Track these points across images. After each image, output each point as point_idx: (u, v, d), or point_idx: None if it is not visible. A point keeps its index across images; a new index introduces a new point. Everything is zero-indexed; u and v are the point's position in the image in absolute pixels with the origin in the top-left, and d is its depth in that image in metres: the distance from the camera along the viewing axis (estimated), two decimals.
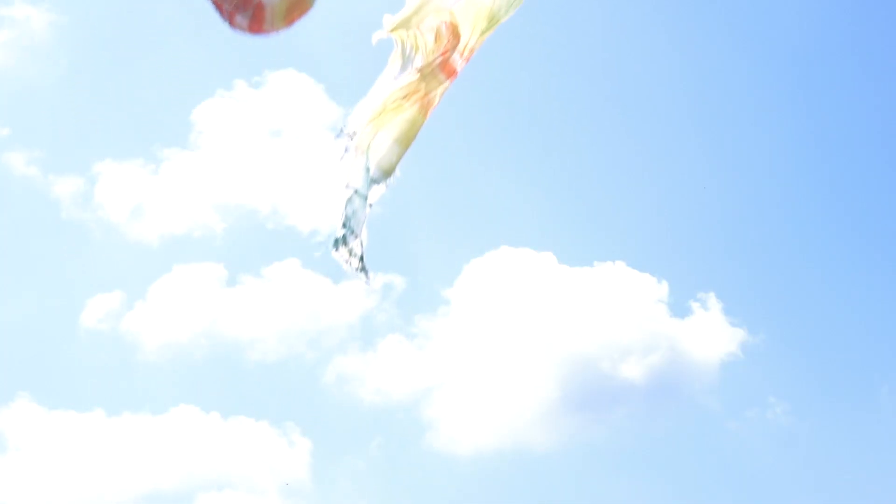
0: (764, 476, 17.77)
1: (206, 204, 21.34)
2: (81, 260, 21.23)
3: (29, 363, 19.68)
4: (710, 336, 19.01)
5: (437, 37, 5.25)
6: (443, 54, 5.36)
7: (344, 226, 5.28)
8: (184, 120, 22.03)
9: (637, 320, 18.96)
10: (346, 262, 5.31)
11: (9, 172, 20.94)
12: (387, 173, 5.37)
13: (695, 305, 19.33)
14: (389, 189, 5.39)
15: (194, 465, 17.94)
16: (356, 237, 5.30)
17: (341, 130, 5.30)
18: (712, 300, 19.34)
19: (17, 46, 20.78)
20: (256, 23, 4.79)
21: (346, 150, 5.32)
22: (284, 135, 21.85)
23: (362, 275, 5.29)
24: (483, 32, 5.27)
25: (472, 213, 22.23)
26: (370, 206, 5.28)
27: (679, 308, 22.07)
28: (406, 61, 5.28)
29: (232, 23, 4.84)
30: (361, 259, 5.31)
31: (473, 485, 17.82)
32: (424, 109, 5.43)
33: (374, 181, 5.33)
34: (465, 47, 5.32)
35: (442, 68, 5.42)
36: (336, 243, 5.33)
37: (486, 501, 17.99)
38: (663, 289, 19.09)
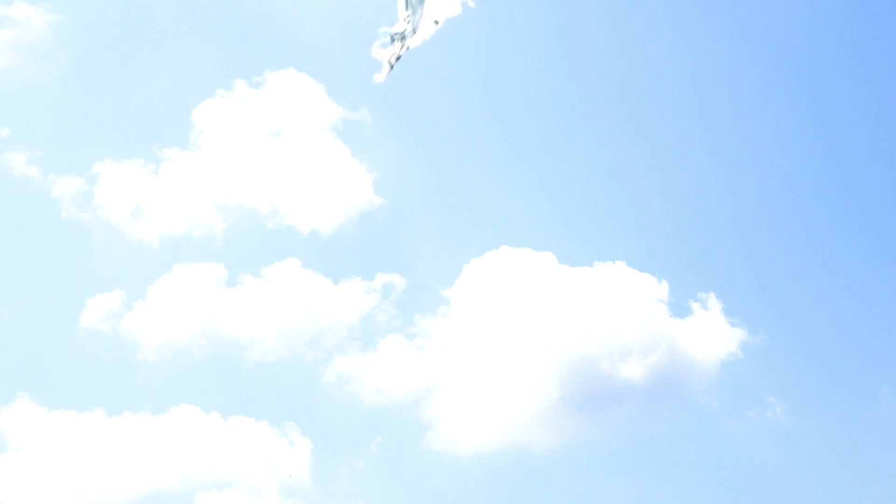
0: (764, 475, 17.76)
1: (206, 204, 21.34)
2: (81, 260, 21.23)
3: (29, 363, 19.67)
4: (710, 336, 19.00)
5: None
6: None
7: (408, 21, 5.35)
8: (184, 120, 22.03)
9: (637, 320, 18.93)
10: (389, 59, 5.45)
11: (9, 172, 20.95)
12: None
13: (695, 305, 19.32)
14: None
15: (194, 465, 17.92)
16: (414, 34, 5.33)
17: None
18: (712, 300, 19.34)
19: (17, 46, 20.80)
20: None
21: None
22: (284, 135, 21.84)
23: (387, 68, 5.29)
24: None
25: (472, 213, 22.22)
26: (437, 22, 5.47)
27: (679, 308, 22.06)
28: None
29: None
30: (398, 59, 5.43)
31: (473, 484, 17.81)
32: None
33: None
34: None
35: None
36: (393, 38, 5.34)
37: (485, 501, 17.97)
38: (663, 289, 19.08)
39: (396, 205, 20.47)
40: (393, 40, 5.46)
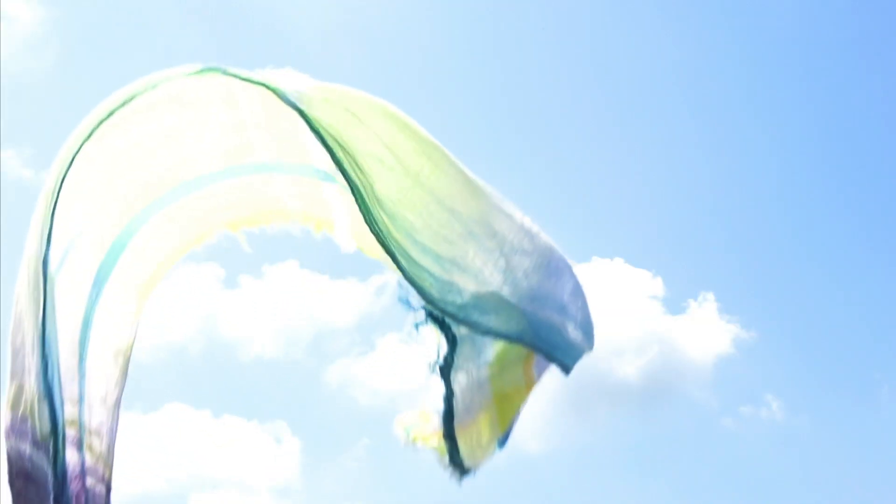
0: (759, 473, 17.73)
1: None
2: None
3: None
4: (705, 333, 18.96)
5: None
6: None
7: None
8: None
9: (633, 317, 18.87)
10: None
11: None
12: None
13: (690, 302, 19.27)
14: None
15: (187, 466, 17.84)
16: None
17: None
18: (708, 297, 19.28)
19: (6, 41, 20.64)
20: None
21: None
22: None
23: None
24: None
25: None
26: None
27: (675, 305, 22.00)
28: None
29: None
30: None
31: (466, 485, 17.73)
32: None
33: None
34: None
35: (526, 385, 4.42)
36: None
37: (479, 501, 17.89)
38: (659, 286, 19.01)
39: None
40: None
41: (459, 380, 4.12)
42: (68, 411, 3.62)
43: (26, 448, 3.52)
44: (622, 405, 18.86)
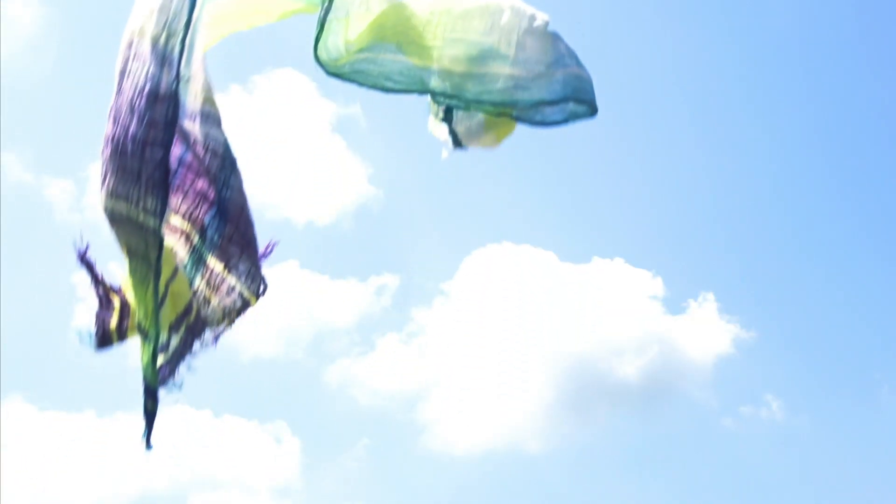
0: (759, 473, 17.73)
1: None
2: (73, 260, 21.03)
3: (21, 364, 19.58)
4: (706, 333, 18.97)
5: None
6: None
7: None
8: None
9: (633, 318, 18.87)
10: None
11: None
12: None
13: (690, 302, 19.27)
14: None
15: (186, 465, 17.82)
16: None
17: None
18: (708, 297, 19.29)
19: (4, 41, 20.63)
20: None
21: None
22: (279, 130, 21.72)
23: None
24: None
25: (470, 209, 22.10)
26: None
27: (675, 305, 22.00)
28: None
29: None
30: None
31: (467, 485, 17.73)
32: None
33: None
34: None
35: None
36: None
37: (479, 501, 17.91)
38: (659, 286, 19.02)
39: (395, 202, 20.32)
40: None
41: (460, 130, 4.83)
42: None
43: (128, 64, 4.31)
44: (622, 405, 18.88)
